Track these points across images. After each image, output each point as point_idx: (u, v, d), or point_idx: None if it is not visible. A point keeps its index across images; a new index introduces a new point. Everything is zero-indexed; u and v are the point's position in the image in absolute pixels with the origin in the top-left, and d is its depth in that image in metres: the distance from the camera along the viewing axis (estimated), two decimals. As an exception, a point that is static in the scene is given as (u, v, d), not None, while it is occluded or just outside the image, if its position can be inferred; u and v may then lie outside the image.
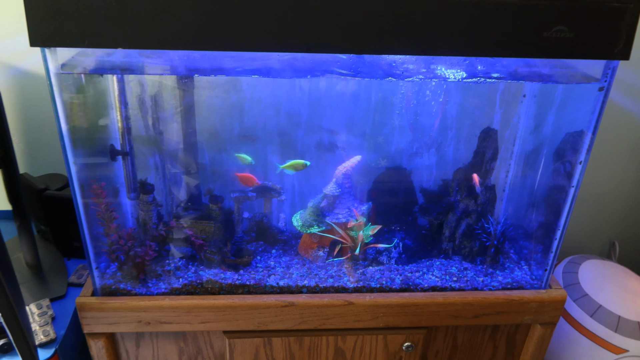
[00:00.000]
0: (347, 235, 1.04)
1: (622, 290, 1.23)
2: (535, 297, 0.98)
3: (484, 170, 1.04)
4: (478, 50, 0.75)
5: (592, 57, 0.77)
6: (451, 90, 1.02)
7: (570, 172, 0.93)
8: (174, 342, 1.02)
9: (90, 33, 0.70)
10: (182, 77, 0.95)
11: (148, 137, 1.01)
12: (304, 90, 1.02)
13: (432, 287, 1.00)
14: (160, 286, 0.97)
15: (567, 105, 0.98)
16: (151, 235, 1.01)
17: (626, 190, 1.48)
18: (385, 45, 0.74)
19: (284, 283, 0.99)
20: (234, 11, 0.70)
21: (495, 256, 1.06)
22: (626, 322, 1.16)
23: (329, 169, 1.06)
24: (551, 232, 0.98)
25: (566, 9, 0.72)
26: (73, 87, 0.84)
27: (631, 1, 0.72)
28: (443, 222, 1.07)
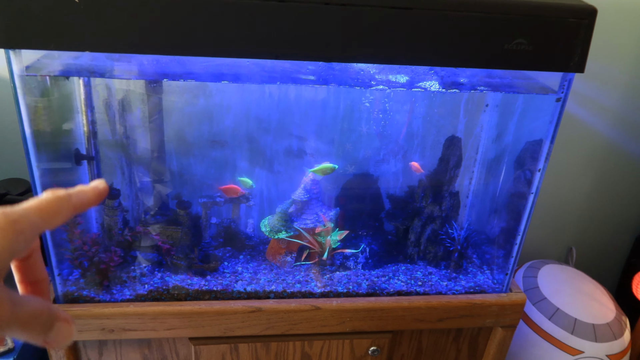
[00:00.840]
0: (314, 241, 1.05)
1: (579, 294, 1.28)
2: (496, 301, 1.01)
3: (448, 177, 1.07)
4: (443, 60, 0.78)
5: (550, 69, 0.80)
6: (417, 99, 1.05)
7: (530, 180, 0.97)
8: (138, 350, 1.00)
9: (57, 35, 0.69)
10: (151, 82, 0.94)
11: (115, 141, 1.00)
12: (273, 96, 1.03)
13: (398, 292, 1.02)
14: (124, 293, 0.96)
15: (527, 115, 1.02)
16: (116, 241, 0.99)
17: (583, 198, 1.55)
18: (353, 53, 0.75)
19: (251, 289, 0.99)
20: (204, 16, 0.70)
21: (459, 261, 1.08)
22: (582, 324, 1.21)
23: (298, 175, 1.07)
24: (512, 238, 1.02)
25: (526, 23, 0.75)
26: (37, 90, 0.82)
27: (586, 17, 0.76)
28: (409, 228, 1.09)
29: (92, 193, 0.34)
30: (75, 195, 0.32)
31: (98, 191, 0.34)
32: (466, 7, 0.73)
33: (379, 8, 0.72)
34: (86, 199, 0.33)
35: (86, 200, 0.33)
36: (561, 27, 0.76)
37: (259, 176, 1.10)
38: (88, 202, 0.33)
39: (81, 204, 0.33)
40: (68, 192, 0.32)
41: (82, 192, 0.33)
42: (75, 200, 0.32)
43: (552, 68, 0.80)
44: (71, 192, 0.32)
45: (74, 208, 0.32)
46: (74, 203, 0.32)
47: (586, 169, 1.50)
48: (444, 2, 0.72)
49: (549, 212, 1.55)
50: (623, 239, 1.64)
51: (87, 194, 0.33)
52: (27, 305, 0.28)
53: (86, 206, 0.33)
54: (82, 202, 0.33)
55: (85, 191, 0.33)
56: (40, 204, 0.30)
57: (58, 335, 0.29)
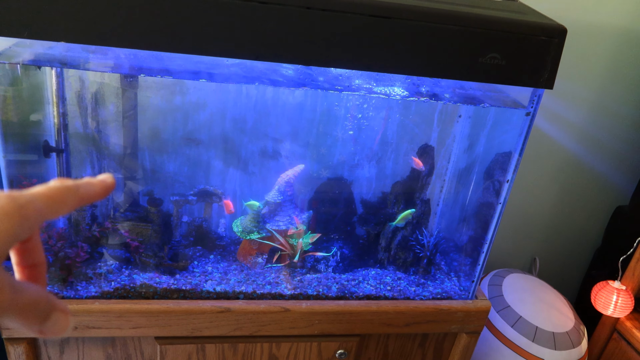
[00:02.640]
0: (286, 243, 1.05)
1: (540, 303, 1.32)
2: (462, 307, 1.04)
3: (420, 185, 1.09)
4: (419, 70, 0.79)
5: (521, 84, 0.83)
6: (393, 106, 1.07)
7: (498, 190, 1.00)
8: (101, 348, 0.98)
9: (32, 24, 0.67)
10: (127, 76, 0.93)
11: (86, 135, 0.98)
12: (250, 97, 1.03)
13: (367, 296, 1.03)
14: (90, 289, 0.94)
15: (497, 128, 1.05)
16: (84, 237, 0.97)
17: (547, 210, 1.60)
18: (332, 58, 0.76)
19: (220, 289, 0.98)
20: (184, 13, 0.70)
21: (427, 267, 1.10)
22: (542, 332, 1.25)
23: (272, 176, 1.07)
24: (479, 246, 1.04)
25: (499, 38, 0.78)
26: (7, 78, 0.80)
27: (556, 36, 0.79)
28: (380, 233, 1.11)
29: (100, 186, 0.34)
30: (83, 187, 0.32)
31: (105, 185, 0.34)
32: (444, 19, 0.75)
33: (359, 15, 0.73)
34: (93, 191, 0.33)
35: (93, 193, 0.33)
36: (533, 44, 0.79)
37: (232, 176, 1.10)
38: (94, 195, 0.33)
39: (88, 196, 0.33)
40: (76, 183, 0.32)
41: (89, 185, 0.33)
42: (82, 191, 0.32)
43: (523, 83, 0.83)
44: (79, 183, 0.32)
45: (80, 199, 0.32)
46: (80, 194, 0.32)
47: (552, 182, 1.55)
48: (423, 13, 0.74)
49: (515, 223, 1.59)
50: (584, 251, 1.70)
51: (94, 187, 0.33)
52: (27, 292, 0.28)
53: (92, 199, 0.33)
54: (88, 194, 0.33)
55: (92, 184, 0.33)
56: (49, 192, 0.30)
57: (54, 325, 0.29)
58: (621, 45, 1.36)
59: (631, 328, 1.35)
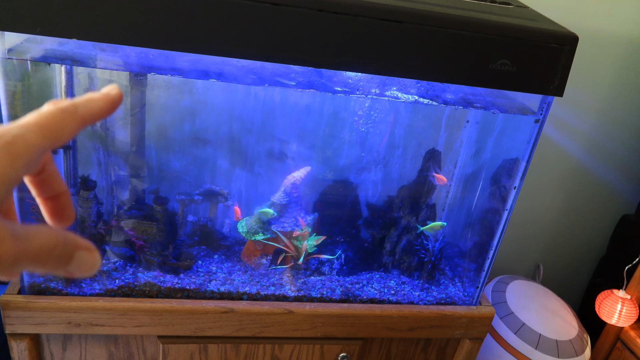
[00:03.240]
0: (291, 244, 1.05)
1: (544, 310, 1.32)
2: (466, 313, 1.03)
3: (426, 189, 1.09)
4: (429, 74, 0.79)
5: (531, 91, 0.83)
6: (401, 110, 1.07)
7: (504, 197, 0.99)
8: (104, 346, 0.98)
9: (44, 20, 0.67)
10: (137, 75, 0.93)
11: (93, 132, 0.98)
12: (258, 98, 1.03)
13: (371, 299, 1.03)
14: (94, 287, 0.94)
15: (505, 134, 1.05)
16: (89, 234, 0.97)
17: (552, 218, 1.59)
18: (342, 61, 0.76)
19: (224, 289, 0.98)
20: (197, 13, 0.70)
21: (432, 272, 1.10)
22: (546, 340, 1.24)
23: (278, 177, 1.07)
24: (484, 252, 1.04)
25: (510, 44, 0.77)
26: (18, 74, 0.80)
27: (567, 44, 0.79)
28: (385, 237, 1.10)
29: (103, 101, 0.29)
30: (83, 106, 0.28)
31: (110, 98, 0.29)
32: (455, 25, 0.75)
33: (371, 19, 0.73)
34: (96, 108, 0.29)
35: (96, 109, 0.29)
36: (544, 51, 0.78)
37: (239, 176, 1.10)
38: (98, 112, 0.29)
39: (90, 115, 0.28)
40: (73, 103, 0.28)
41: (90, 101, 0.29)
42: (83, 111, 0.28)
43: (533, 90, 0.83)
44: (77, 102, 0.28)
45: (82, 120, 0.28)
46: (81, 114, 0.28)
47: (557, 189, 1.54)
48: (435, 18, 0.74)
49: (520, 229, 1.59)
50: (588, 259, 1.69)
51: (96, 103, 0.29)
52: (36, 238, 0.25)
53: (96, 117, 0.29)
54: (91, 112, 0.28)
55: (94, 99, 0.29)
56: (40, 120, 0.26)
57: (80, 265, 0.27)
58: (630, 53, 1.35)
59: (635, 337, 1.35)
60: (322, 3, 0.71)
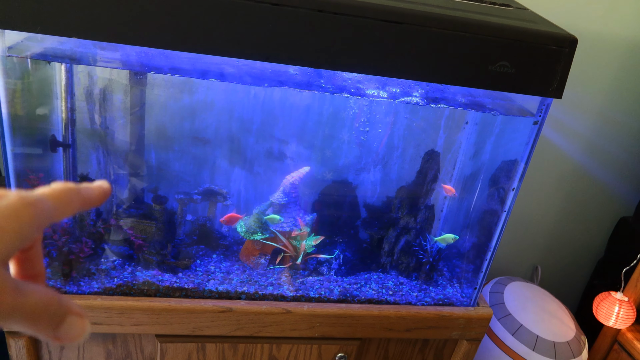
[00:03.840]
0: (289, 244, 1.05)
1: (542, 312, 1.32)
2: (464, 314, 1.03)
3: (425, 190, 1.09)
4: (429, 76, 0.79)
5: (530, 92, 0.83)
6: (400, 111, 1.07)
7: (503, 198, 0.99)
8: (102, 345, 0.98)
9: (45, 18, 0.67)
10: (136, 74, 0.93)
11: (93, 130, 0.98)
12: (258, 97, 1.03)
13: (369, 300, 1.03)
14: (92, 285, 0.94)
15: (504, 135, 1.05)
16: (88, 232, 0.97)
17: (550, 219, 1.60)
18: (342, 62, 0.76)
19: (223, 288, 0.98)
20: (197, 13, 0.70)
21: (430, 273, 1.10)
22: (543, 341, 1.25)
23: (277, 177, 1.07)
24: (482, 253, 1.04)
25: (510, 46, 0.78)
26: (18, 72, 0.80)
27: (566, 46, 0.79)
28: (383, 237, 1.11)
29: (98, 191, 0.33)
30: (84, 190, 0.32)
31: (102, 190, 0.34)
32: (455, 26, 0.75)
33: (371, 20, 0.73)
34: (93, 195, 0.33)
35: (93, 196, 0.33)
36: (543, 53, 0.79)
37: (238, 176, 1.10)
38: (95, 198, 0.33)
39: (89, 200, 0.32)
40: (77, 186, 0.32)
41: (89, 188, 0.33)
42: (84, 194, 0.32)
43: (532, 92, 0.83)
44: (80, 186, 0.32)
45: (83, 202, 0.32)
46: (83, 197, 0.32)
47: (556, 191, 1.55)
48: (435, 19, 0.74)
49: (518, 231, 1.59)
50: (586, 261, 1.70)
51: (93, 191, 0.33)
52: (33, 294, 0.26)
53: (92, 203, 0.33)
54: (90, 197, 0.32)
55: (92, 188, 0.33)
56: (55, 193, 0.29)
57: (70, 330, 0.27)
58: (629, 56, 1.35)
59: (632, 339, 1.35)
60: (322, 3, 0.71)
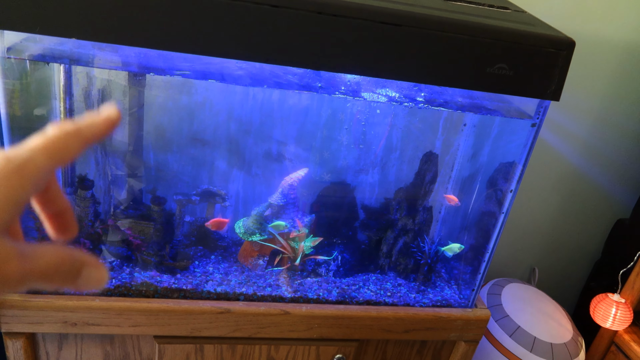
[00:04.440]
0: (288, 246, 1.05)
1: (539, 313, 1.32)
2: (462, 315, 1.04)
3: (423, 191, 1.09)
4: (427, 78, 0.80)
5: (528, 95, 0.83)
6: (399, 113, 1.07)
7: (501, 200, 1.00)
8: (99, 345, 0.98)
9: (44, 19, 0.67)
10: (135, 75, 0.93)
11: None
12: (257, 99, 1.03)
13: (367, 301, 1.03)
14: (91, 286, 0.94)
15: (502, 137, 1.05)
16: (86, 233, 0.97)
17: (547, 221, 1.60)
18: (341, 64, 0.77)
19: (221, 289, 0.98)
20: (197, 14, 0.70)
21: (428, 274, 1.10)
22: (540, 343, 1.25)
23: (275, 178, 1.08)
24: (480, 255, 1.04)
25: (508, 48, 0.78)
26: (17, 72, 0.80)
27: (564, 48, 0.79)
28: (381, 239, 1.11)
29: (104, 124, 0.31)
30: (85, 128, 0.30)
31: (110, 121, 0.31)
32: (454, 28, 0.75)
33: (370, 22, 0.73)
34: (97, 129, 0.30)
35: (97, 130, 0.30)
36: (541, 56, 0.79)
37: (236, 177, 1.10)
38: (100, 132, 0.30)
39: (92, 136, 0.30)
40: (76, 126, 0.29)
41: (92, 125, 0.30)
42: (86, 132, 0.29)
43: (530, 94, 0.83)
44: (80, 125, 0.30)
45: (85, 141, 0.29)
46: (84, 136, 0.29)
47: (553, 193, 1.55)
48: (433, 22, 0.75)
49: (515, 233, 1.59)
50: (583, 262, 1.70)
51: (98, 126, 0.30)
52: (42, 257, 0.26)
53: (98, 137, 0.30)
54: (93, 133, 0.30)
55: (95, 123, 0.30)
56: (47, 143, 0.27)
57: (88, 281, 0.28)
58: (626, 59, 1.36)
59: (629, 341, 1.35)
60: (321, 5, 0.71)
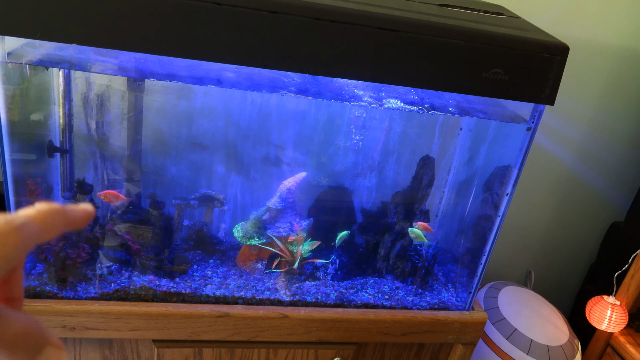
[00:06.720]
0: (286, 249, 1.06)
1: (535, 316, 1.33)
2: (459, 318, 1.04)
3: (420, 195, 1.10)
4: (424, 82, 0.81)
5: (523, 99, 0.85)
6: (396, 118, 1.08)
7: (497, 203, 1.01)
8: (98, 350, 0.98)
9: (44, 25, 0.68)
10: (135, 80, 0.94)
11: (90, 136, 0.99)
12: (255, 103, 1.04)
13: (365, 304, 1.03)
14: (89, 290, 0.94)
15: (498, 142, 1.07)
16: (85, 237, 0.97)
17: (543, 225, 1.61)
18: (339, 69, 0.78)
19: (220, 293, 0.98)
20: (196, 20, 0.71)
21: (425, 277, 1.11)
22: (537, 345, 1.26)
23: (273, 182, 1.08)
24: (477, 258, 1.05)
25: (503, 54, 0.79)
26: (16, 77, 0.81)
27: (558, 54, 0.80)
28: (379, 242, 1.12)
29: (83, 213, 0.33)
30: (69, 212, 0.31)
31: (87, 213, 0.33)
32: (450, 34, 0.76)
33: (367, 27, 0.74)
34: (78, 217, 0.32)
35: (77, 218, 0.32)
36: (535, 61, 0.80)
37: (235, 182, 1.10)
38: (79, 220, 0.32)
39: (74, 221, 0.32)
40: (63, 207, 0.31)
41: (74, 210, 0.32)
42: (70, 216, 0.31)
43: (525, 98, 0.85)
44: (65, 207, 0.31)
45: (68, 223, 0.31)
46: (68, 218, 0.31)
47: (548, 197, 1.56)
48: (430, 27, 0.76)
49: (511, 236, 1.60)
50: (579, 265, 1.71)
51: (78, 213, 0.32)
52: (16, 322, 0.25)
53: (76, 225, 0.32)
54: (75, 218, 0.32)
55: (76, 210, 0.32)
56: (41, 215, 0.29)
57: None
58: (620, 63, 1.38)
59: (625, 343, 1.36)
60: (320, 11, 0.72)
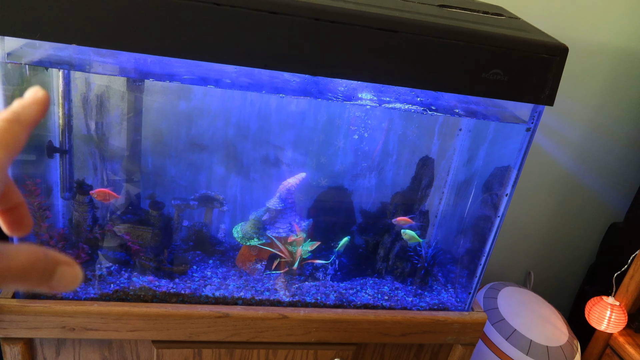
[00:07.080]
0: (286, 250, 1.06)
1: (535, 317, 1.33)
2: (458, 319, 1.04)
3: (420, 196, 1.10)
4: (423, 83, 0.81)
5: (522, 100, 0.85)
6: (395, 118, 1.08)
7: (496, 204, 1.01)
8: (97, 351, 0.98)
9: (44, 25, 0.68)
10: (135, 80, 0.94)
11: (90, 136, 0.99)
12: (254, 104, 1.04)
13: (365, 305, 1.03)
14: (89, 291, 0.94)
15: (497, 142, 1.07)
16: (85, 238, 0.97)
17: (543, 225, 1.61)
18: (339, 69, 0.78)
19: (219, 294, 0.98)
20: (196, 20, 0.71)
21: (425, 278, 1.11)
22: (536, 346, 1.26)
23: (273, 183, 1.08)
24: (476, 258, 1.05)
25: (503, 54, 0.79)
26: (16, 78, 0.81)
27: (557, 54, 0.81)
28: (379, 243, 1.12)
29: (35, 104, 0.30)
30: (22, 112, 0.29)
31: (39, 99, 0.31)
32: (449, 35, 0.76)
33: (367, 28, 0.74)
34: (33, 112, 0.30)
35: (34, 113, 0.30)
36: (535, 61, 0.80)
37: (234, 182, 1.10)
38: (36, 115, 0.30)
39: (31, 120, 0.30)
40: (14, 111, 0.29)
41: (26, 107, 0.30)
42: (25, 117, 0.29)
43: (524, 99, 0.85)
44: (15, 110, 0.29)
45: (27, 126, 0.29)
46: (24, 121, 0.29)
47: (548, 197, 1.56)
48: (429, 28, 0.76)
49: (510, 237, 1.60)
50: (578, 266, 1.71)
51: (31, 107, 0.30)
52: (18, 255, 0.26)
53: (35, 121, 0.30)
54: (30, 117, 0.30)
55: (28, 104, 0.30)
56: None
57: (62, 280, 0.28)
58: (619, 64, 1.38)
59: (624, 344, 1.36)
60: (319, 12, 0.72)
